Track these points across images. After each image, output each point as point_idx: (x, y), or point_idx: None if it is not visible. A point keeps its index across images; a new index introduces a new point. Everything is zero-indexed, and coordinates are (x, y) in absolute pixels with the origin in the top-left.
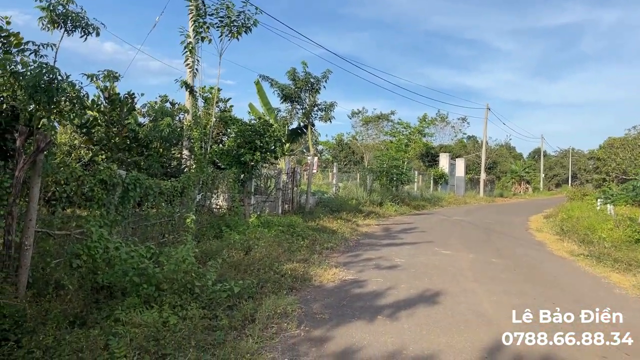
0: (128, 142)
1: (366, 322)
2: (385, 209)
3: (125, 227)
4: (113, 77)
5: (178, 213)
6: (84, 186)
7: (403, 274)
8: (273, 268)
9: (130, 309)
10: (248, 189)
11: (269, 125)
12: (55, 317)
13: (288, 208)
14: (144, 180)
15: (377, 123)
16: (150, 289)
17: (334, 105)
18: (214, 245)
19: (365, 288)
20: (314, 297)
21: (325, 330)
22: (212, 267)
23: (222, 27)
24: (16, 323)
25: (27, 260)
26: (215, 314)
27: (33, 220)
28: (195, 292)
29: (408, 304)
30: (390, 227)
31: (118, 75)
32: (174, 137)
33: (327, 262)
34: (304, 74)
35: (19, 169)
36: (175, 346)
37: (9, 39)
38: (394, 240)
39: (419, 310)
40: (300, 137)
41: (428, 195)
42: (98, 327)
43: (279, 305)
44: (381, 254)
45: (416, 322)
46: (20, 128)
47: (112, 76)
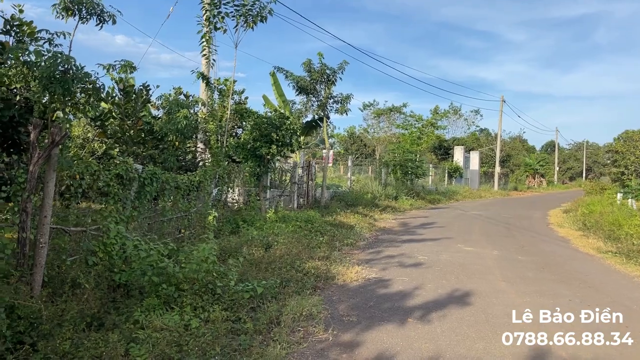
0: (143, 135)
1: (396, 325)
2: (400, 203)
3: (141, 223)
4: (130, 67)
5: (194, 208)
6: (99, 181)
7: (428, 273)
8: (294, 266)
9: (150, 310)
10: (264, 183)
11: (286, 118)
12: (72, 318)
13: (303, 202)
14: (161, 175)
15: (388, 115)
16: (170, 289)
17: (350, 97)
18: (232, 242)
19: (390, 288)
20: (338, 297)
21: (355, 334)
22: (233, 266)
23: (238, 16)
24: (32, 325)
25: (42, 258)
26: (239, 316)
27: (48, 217)
28: (216, 293)
29: (438, 305)
30: (408, 222)
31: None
32: (189, 130)
33: (348, 259)
34: (320, 66)
35: (34, 163)
36: (200, 353)
37: (22, 27)
38: (413, 236)
39: (450, 312)
40: (315, 130)
41: (443, 189)
42: (117, 330)
43: (304, 307)
44: (402, 250)
45: (449, 326)
46: (35, 121)
47: (129, 67)
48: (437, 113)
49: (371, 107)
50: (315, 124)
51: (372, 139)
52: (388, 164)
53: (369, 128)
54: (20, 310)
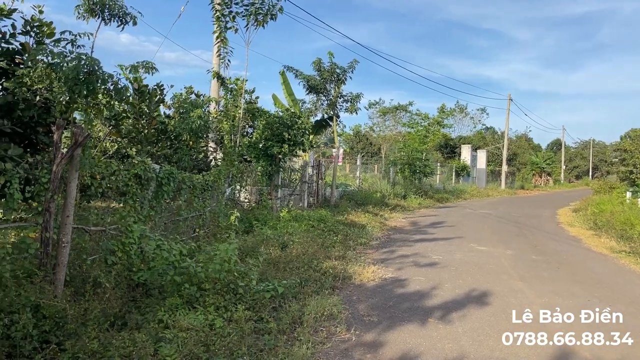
0: (157, 134)
1: (418, 325)
2: (409, 202)
3: (158, 222)
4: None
5: (208, 207)
6: (119, 181)
7: (444, 273)
8: (312, 266)
9: (173, 310)
10: (275, 182)
11: (297, 117)
12: (96, 317)
13: (313, 201)
14: (177, 174)
15: (394, 114)
16: (192, 288)
17: (360, 97)
18: (248, 241)
19: (408, 288)
20: (357, 297)
21: (377, 334)
22: (254, 266)
23: (248, 15)
24: (57, 324)
25: (65, 258)
26: (261, 315)
27: (71, 217)
28: (238, 293)
29: (457, 305)
30: (418, 221)
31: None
32: (202, 129)
33: (363, 258)
34: (330, 65)
35: (57, 164)
36: (227, 352)
37: (42, 28)
38: (425, 236)
39: (470, 312)
40: (324, 129)
41: (450, 187)
42: (143, 330)
43: (325, 307)
44: (416, 250)
45: (470, 326)
46: (58, 121)
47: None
48: (443, 111)
49: (377, 106)
50: (324, 123)
51: (378, 137)
52: (396, 162)
53: (374, 126)
54: (46, 310)
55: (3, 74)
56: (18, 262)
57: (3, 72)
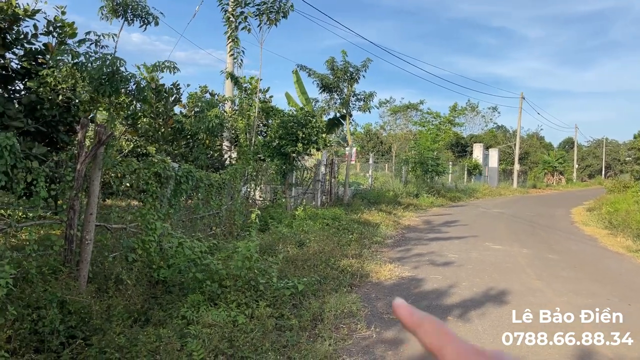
0: (174, 133)
1: None
2: (421, 201)
3: (176, 221)
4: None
5: (225, 206)
6: (139, 179)
7: (461, 271)
8: (329, 264)
9: (195, 306)
10: (289, 180)
11: (311, 116)
12: (119, 313)
13: (326, 200)
14: (196, 173)
15: (405, 113)
16: (213, 285)
17: (373, 95)
18: (265, 239)
19: (425, 286)
20: (375, 295)
21: (397, 331)
22: (273, 263)
23: (260, 14)
24: (82, 320)
25: (88, 255)
26: (282, 312)
27: (94, 214)
28: (259, 290)
29: (475, 303)
30: (432, 220)
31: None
32: (218, 128)
33: (379, 257)
34: (343, 63)
35: (81, 162)
36: (252, 348)
37: (64, 29)
38: (439, 234)
39: (488, 310)
40: (337, 128)
41: (462, 186)
42: (168, 326)
43: (344, 304)
44: (431, 248)
45: (490, 324)
46: (82, 120)
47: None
48: (455, 110)
49: (388, 104)
50: (337, 121)
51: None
52: (408, 161)
53: (385, 125)
54: (71, 306)
55: (26, 74)
56: (43, 258)
57: (26, 72)
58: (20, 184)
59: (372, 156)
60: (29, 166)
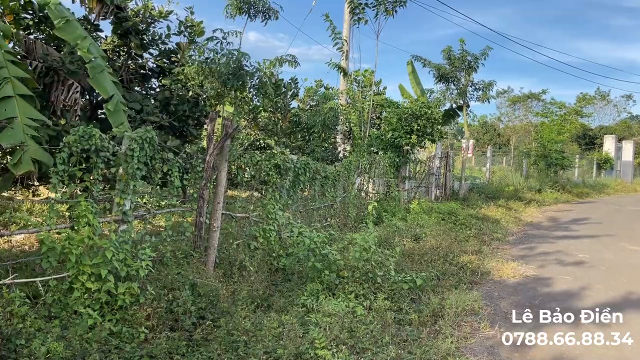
0: (292, 127)
1: (569, 327)
2: (544, 196)
3: (294, 211)
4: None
5: (339, 198)
6: (261, 170)
7: (593, 273)
8: (448, 259)
9: (315, 295)
10: (403, 173)
11: (427, 107)
12: (244, 298)
13: (440, 194)
14: (313, 165)
15: (525, 103)
16: (332, 275)
17: (492, 85)
18: (379, 232)
19: (553, 287)
20: (498, 294)
21: (523, 332)
22: (390, 256)
23: (377, 5)
24: (211, 302)
25: (215, 241)
26: (400, 306)
27: (221, 203)
28: (377, 282)
29: (613, 308)
30: (557, 217)
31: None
32: (332, 121)
33: (500, 254)
34: (460, 52)
35: (210, 154)
36: (372, 340)
37: (193, 28)
38: (567, 232)
39: (629, 317)
40: (452, 120)
41: (591, 181)
42: (290, 313)
43: (465, 301)
44: (558, 247)
45: (632, 333)
46: (211, 114)
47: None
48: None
49: (505, 95)
50: (453, 112)
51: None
52: (529, 154)
53: (502, 116)
54: (201, 289)
55: (160, 72)
56: (176, 243)
57: (161, 71)
58: (157, 173)
59: (490, 149)
60: (165, 157)
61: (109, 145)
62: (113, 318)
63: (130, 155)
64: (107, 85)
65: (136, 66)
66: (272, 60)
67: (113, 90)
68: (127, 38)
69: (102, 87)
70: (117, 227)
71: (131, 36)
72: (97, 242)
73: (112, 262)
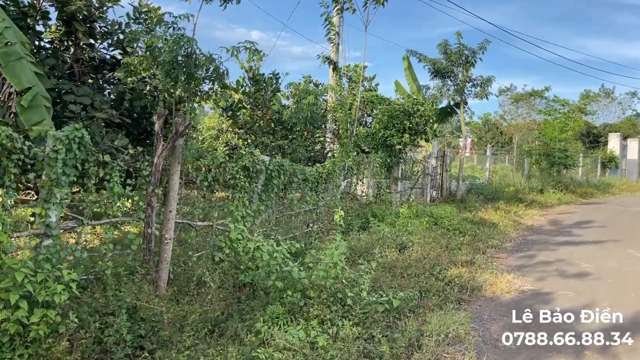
0: (272, 125)
1: (571, 354)
2: (546, 197)
3: (269, 217)
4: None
5: (322, 201)
6: (226, 173)
7: (598, 286)
8: (434, 273)
9: (274, 320)
10: (395, 174)
11: (420, 104)
12: (194, 322)
13: (436, 195)
14: (288, 167)
15: (528, 101)
16: (295, 296)
17: (491, 80)
18: (362, 240)
19: (553, 304)
20: (489, 314)
21: None
22: (365, 272)
23: None
24: (153, 329)
25: (168, 255)
26: (372, 333)
27: (173, 212)
28: (346, 304)
29: (621, 332)
30: (559, 220)
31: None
32: (317, 118)
33: (496, 264)
34: (457, 46)
35: (158, 155)
36: None
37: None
38: (569, 238)
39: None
40: (450, 117)
41: (595, 181)
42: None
43: (448, 326)
44: (559, 255)
45: None
46: (159, 110)
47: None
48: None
49: (508, 92)
50: (450, 110)
51: (509, 126)
52: (531, 152)
53: (505, 115)
54: (143, 312)
55: (115, 64)
56: (121, 258)
57: (116, 63)
58: (91, 178)
59: (490, 147)
60: (100, 160)
61: (23, 146)
62: (25, 353)
63: (54, 158)
64: (22, 75)
65: (88, 58)
66: (228, 49)
67: (32, 82)
68: (71, 25)
69: (16, 78)
70: (40, 242)
71: (76, 23)
72: (6, 262)
73: (25, 286)
